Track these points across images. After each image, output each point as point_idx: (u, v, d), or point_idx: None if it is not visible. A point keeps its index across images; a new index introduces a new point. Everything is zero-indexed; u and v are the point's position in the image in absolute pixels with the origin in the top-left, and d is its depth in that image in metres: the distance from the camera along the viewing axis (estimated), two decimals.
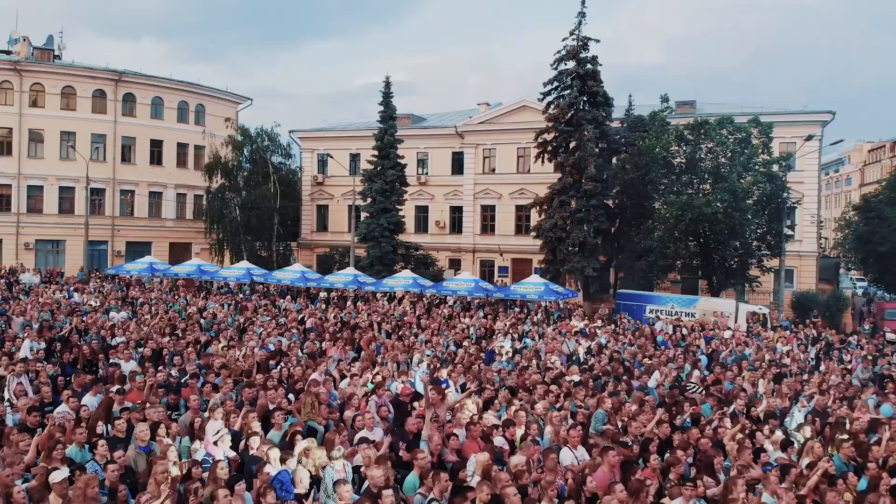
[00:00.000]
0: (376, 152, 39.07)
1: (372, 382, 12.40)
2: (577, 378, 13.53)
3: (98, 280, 34.91)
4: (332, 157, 45.59)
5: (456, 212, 44.91)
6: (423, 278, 31.64)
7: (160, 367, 12.79)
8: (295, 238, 48.99)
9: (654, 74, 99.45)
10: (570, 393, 11.73)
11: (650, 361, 15.82)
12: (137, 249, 43.84)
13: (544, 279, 29.51)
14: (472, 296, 29.10)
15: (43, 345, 14.34)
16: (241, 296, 30.71)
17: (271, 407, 9.94)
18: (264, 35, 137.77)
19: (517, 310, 27.26)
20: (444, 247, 44.25)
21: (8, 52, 44.43)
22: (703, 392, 13.20)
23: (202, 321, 20.86)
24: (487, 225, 44.11)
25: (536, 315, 25.54)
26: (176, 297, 28.37)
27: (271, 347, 16.05)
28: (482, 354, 16.21)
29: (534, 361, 15.34)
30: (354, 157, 46.26)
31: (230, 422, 9.14)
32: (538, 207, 34.82)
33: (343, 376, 13.17)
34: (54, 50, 46.70)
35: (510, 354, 15.76)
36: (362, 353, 15.56)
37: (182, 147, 48.95)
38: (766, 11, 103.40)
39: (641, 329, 22.67)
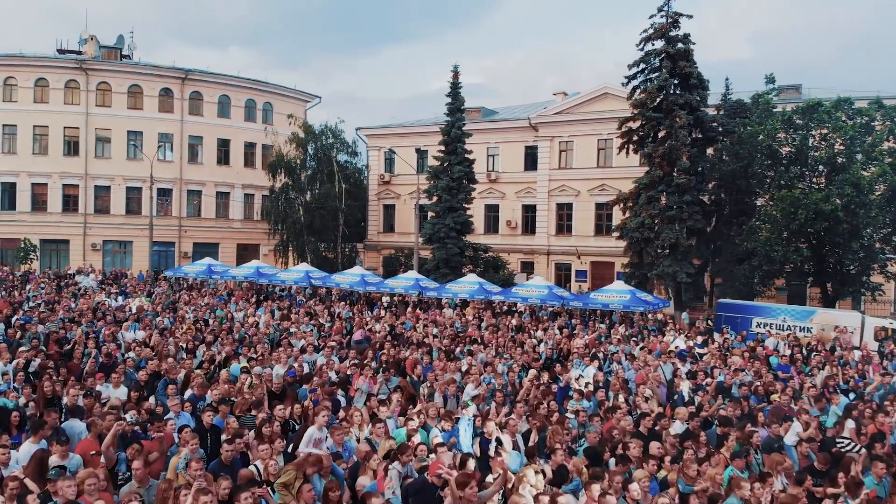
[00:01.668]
0: (443, 147, 36.32)
1: (403, 427, 9.35)
2: (682, 427, 10.02)
3: (163, 282, 33.63)
4: (396, 153, 43.19)
5: (529, 211, 41.68)
6: (490, 283, 28.38)
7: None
8: (361, 239, 47.03)
9: (742, 71, 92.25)
10: (679, 456, 8.28)
11: (779, 400, 11.90)
12: (205, 251, 42.67)
13: (629, 286, 25.98)
14: (546, 304, 25.72)
15: (9, 367, 11.83)
16: (297, 300, 28.51)
17: (253, 473, 7.11)
18: (345, 41, 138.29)
19: (599, 322, 23.75)
20: (515, 249, 41.11)
21: (78, 52, 44.35)
22: (863, 452, 9.34)
23: (241, 332, 18.51)
24: (563, 225, 40.64)
25: (621, 329, 21.83)
26: (227, 302, 26.39)
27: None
28: (554, 387, 12.84)
29: (621, 396, 11.90)
30: (422, 154, 43.85)
31: (179, 502, 6.35)
32: (621, 205, 31.59)
33: (373, 416, 10.11)
34: (122, 49, 46.42)
35: (591, 388, 12.27)
36: (399, 383, 12.32)
37: (249, 146, 48.01)
38: (861, 3, 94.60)
39: (752, 348, 18.65)
